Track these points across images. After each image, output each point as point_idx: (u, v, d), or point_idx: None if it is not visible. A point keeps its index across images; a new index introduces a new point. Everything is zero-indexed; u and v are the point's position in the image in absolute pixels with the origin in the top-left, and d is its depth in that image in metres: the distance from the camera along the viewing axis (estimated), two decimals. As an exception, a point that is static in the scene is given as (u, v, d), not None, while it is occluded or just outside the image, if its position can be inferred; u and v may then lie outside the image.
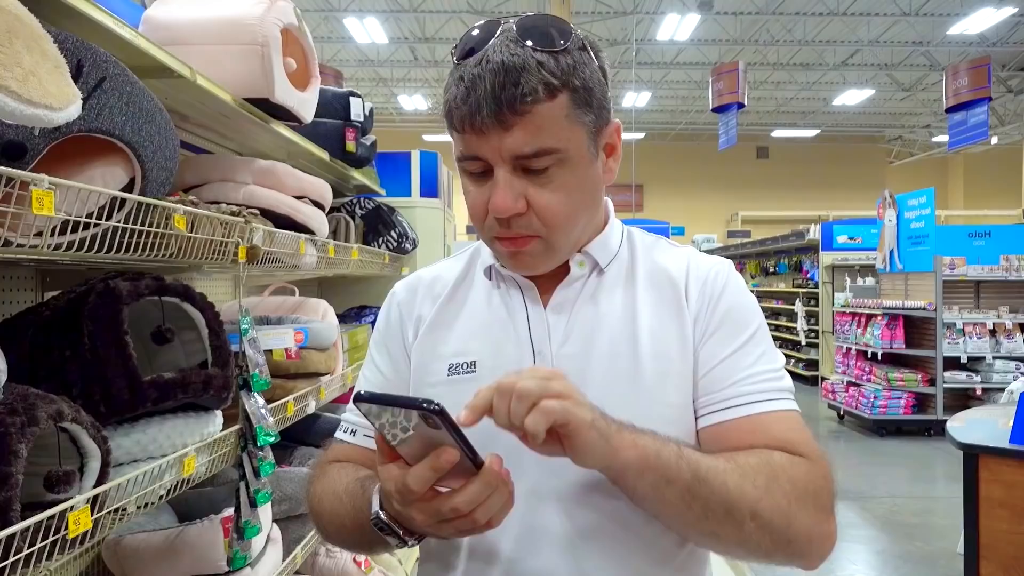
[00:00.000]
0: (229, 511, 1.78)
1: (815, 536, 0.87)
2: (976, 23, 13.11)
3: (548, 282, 1.02)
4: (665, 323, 0.98)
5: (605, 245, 1.04)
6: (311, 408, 2.24)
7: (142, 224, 1.30)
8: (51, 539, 1.06)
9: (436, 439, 0.75)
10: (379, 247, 3.17)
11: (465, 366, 1.00)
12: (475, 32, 0.91)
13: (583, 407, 0.79)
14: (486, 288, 1.06)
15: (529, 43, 0.87)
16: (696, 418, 0.96)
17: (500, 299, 1.04)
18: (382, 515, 0.85)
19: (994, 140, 19.16)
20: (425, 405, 0.71)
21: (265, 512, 1.87)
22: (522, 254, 0.95)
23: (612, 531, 0.93)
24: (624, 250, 1.06)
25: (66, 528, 1.08)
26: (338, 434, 1.13)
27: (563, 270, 1.02)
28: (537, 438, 0.76)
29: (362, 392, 0.75)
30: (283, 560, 2.01)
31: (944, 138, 14.23)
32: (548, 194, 0.91)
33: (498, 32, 0.89)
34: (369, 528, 0.87)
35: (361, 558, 2.65)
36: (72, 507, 1.10)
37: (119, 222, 1.24)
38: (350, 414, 1.13)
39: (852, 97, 18.03)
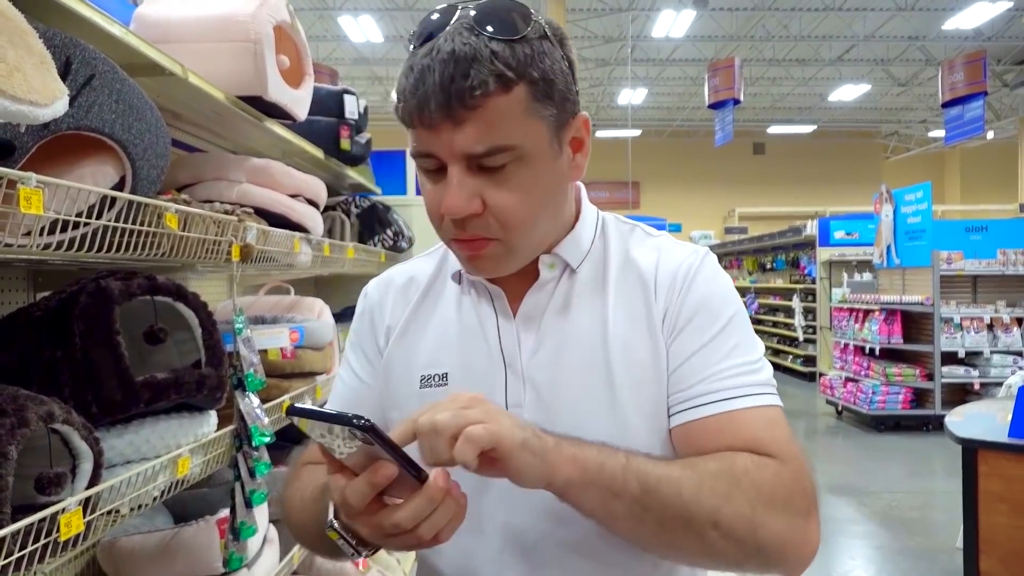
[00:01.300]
0: (225, 512, 1.76)
1: (789, 542, 0.82)
2: (971, 18, 13.12)
3: (517, 286, 0.97)
4: (636, 328, 0.94)
5: (576, 243, 0.98)
6: (307, 407, 2.23)
7: (133, 223, 1.28)
8: (42, 542, 1.04)
9: (376, 452, 0.72)
10: (375, 245, 3.16)
11: (437, 378, 0.97)
12: (433, 17, 0.85)
13: (510, 428, 0.75)
14: (456, 294, 1.02)
15: (487, 30, 0.80)
16: (668, 417, 0.92)
17: (470, 306, 1.00)
18: (335, 524, 0.82)
19: (990, 135, 19.18)
20: (355, 421, 0.68)
21: (261, 513, 1.86)
22: (479, 258, 0.90)
23: (590, 549, 0.91)
24: (597, 245, 1.00)
25: (58, 531, 1.07)
26: None
27: (532, 272, 0.96)
28: (469, 467, 0.73)
29: (293, 405, 0.72)
30: (280, 561, 2.00)
31: (940, 133, 14.22)
32: (505, 194, 0.85)
33: (454, 18, 0.83)
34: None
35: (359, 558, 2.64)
36: (64, 509, 1.09)
37: (110, 221, 1.22)
38: None
39: (848, 92, 18.03)
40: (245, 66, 1.90)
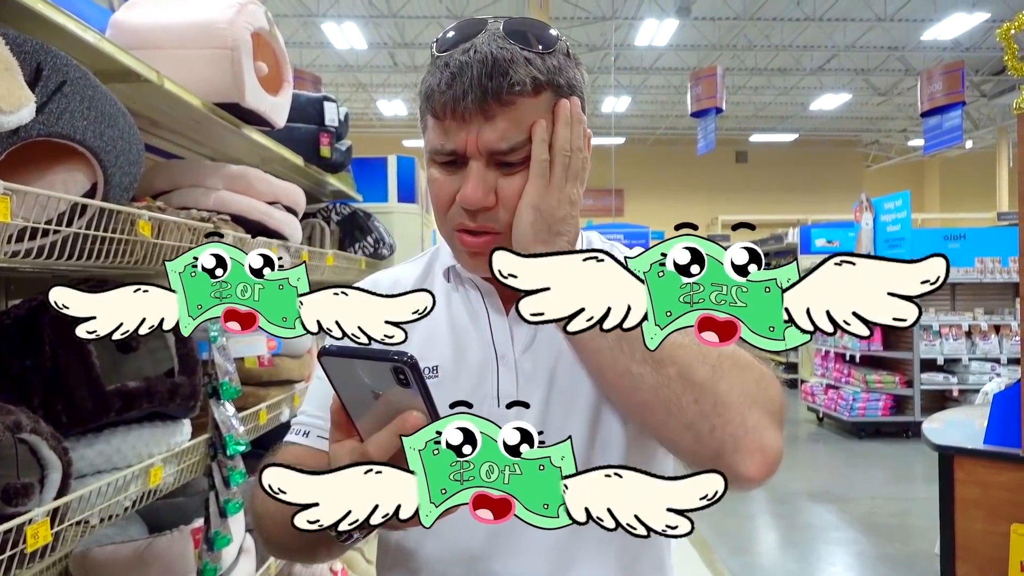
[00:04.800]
0: (199, 522, 1.75)
1: (756, 432, 0.83)
2: (949, 28, 13.27)
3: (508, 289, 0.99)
4: None
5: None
6: (285, 416, 2.21)
7: (105, 230, 1.27)
8: (8, 553, 1.03)
9: (403, 406, 0.66)
10: (355, 253, 3.15)
11: (427, 371, 0.98)
12: (459, 28, 0.91)
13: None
14: (445, 291, 1.05)
15: (519, 42, 0.88)
16: None
17: (460, 302, 1.03)
18: None
19: (969, 144, 19.40)
20: (396, 357, 0.63)
21: (237, 522, 1.84)
22: (481, 255, 0.93)
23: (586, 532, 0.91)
24: None
25: (24, 542, 1.06)
26: (289, 437, 1.06)
27: None
28: None
29: (326, 346, 0.67)
30: (256, 570, 1.98)
31: (920, 142, 14.37)
32: (517, 184, 0.90)
33: (485, 29, 0.90)
34: None
35: (338, 566, 2.62)
36: (31, 520, 1.07)
37: (81, 228, 1.21)
38: (303, 416, 1.07)
39: (829, 102, 18.19)
40: (222, 73, 1.89)
